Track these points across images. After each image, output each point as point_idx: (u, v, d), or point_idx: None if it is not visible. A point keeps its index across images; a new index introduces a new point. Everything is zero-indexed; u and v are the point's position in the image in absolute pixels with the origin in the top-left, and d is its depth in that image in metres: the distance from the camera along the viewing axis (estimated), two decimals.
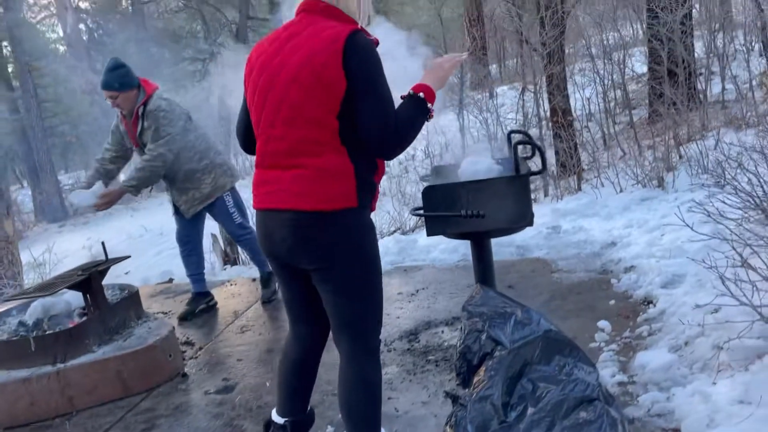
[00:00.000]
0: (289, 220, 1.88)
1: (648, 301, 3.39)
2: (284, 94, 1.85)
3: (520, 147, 2.55)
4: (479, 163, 2.81)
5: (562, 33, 7.66)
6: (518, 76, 13.13)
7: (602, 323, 3.17)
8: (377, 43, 1.89)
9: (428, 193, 2.55)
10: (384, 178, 10.11)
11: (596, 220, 4.91)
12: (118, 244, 10.06)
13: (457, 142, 11.41)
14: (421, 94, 1.85)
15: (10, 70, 17.78)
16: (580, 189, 6.39)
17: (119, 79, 3.81)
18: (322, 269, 1.94)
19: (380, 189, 2.30)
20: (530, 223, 2.58)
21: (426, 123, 1.87)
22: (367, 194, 1.93)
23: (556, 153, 7.33)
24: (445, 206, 2.53)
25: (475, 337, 2.20)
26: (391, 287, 4.38)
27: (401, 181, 9.72)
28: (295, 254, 1.94)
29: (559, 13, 7.31)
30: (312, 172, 1.84)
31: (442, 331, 3.46)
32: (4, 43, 17.59)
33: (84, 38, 19.57)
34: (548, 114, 7.85)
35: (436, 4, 18.45)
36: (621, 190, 5.61)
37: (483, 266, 2.78)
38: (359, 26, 1.91)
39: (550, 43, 7.22)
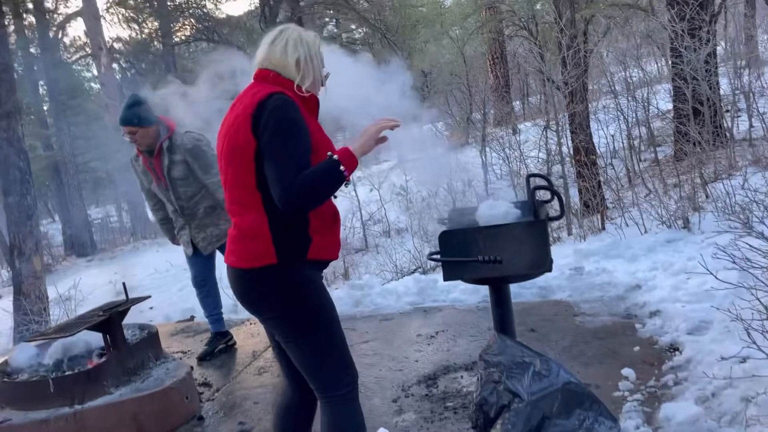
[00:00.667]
0: (230, 275, 2.04)
1: (674, 348, 3.30)
2: (222, 158, 2.01)
3: (538, 190, 2.52)
4: (496, 206, 2.78)
5: (584, 72, 7.68)
6: (541, 113, 13.15)
7: (626, 371, 3.08)
8: (313, 99, 2.05)
9: (445, 238, 2.53)
10: (406, 215, 10.06)
11: (620, 262, 4.81)
12: (144, 279, 10.17)
13: (480, 178, 11.43)
14: (336, 157, 1.85)
15: (45, 108, 18.37)
16: (603, 228, 6.30)
17: (138, 115, 3.85)
18: (266, 321, 2.07)
19: (399, 226, 2.33)
20: (549, 269, 2.54)
21: (343, 187, 1.91)
22: (293, 249, 1.95)
23: (579, 192, 7.26)
24: (462, 251, 2.50)
25: (491, 389, 2.15)
26: (410, 329, 4.33)
27: (423, 218, 9.71)
28: (245, 306, 2.06)
29: (582, 52, 7.33)
30: (237, 231, 2.00)
31: (462, 376, 3.40)
32: (41, 82, 18.22)
33: (117, 77, 20.18)
34: (571, 152, 7.82)
35: (459, 42, 18.66)
36: (646, 231, 5.52)
37: (501, 312, 2.73)
38: (293, 87, 1.99)
39: (572, 82, 7.22)
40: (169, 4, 18.94)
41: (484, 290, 4.74)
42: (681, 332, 3.38)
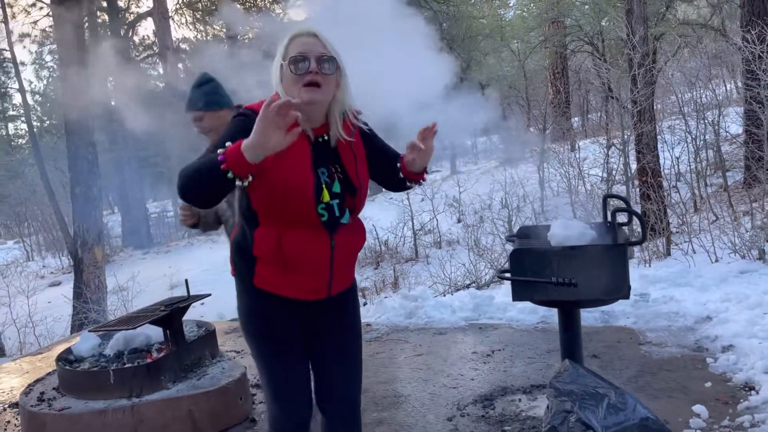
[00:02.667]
0: None
1: (749, 387, 3.11)
2: None
3: (618, 212, 2.41)
4: (570, 226, 2.68)
5: (653, 92, 7.44)
6: (602, 131, 12.85)
7: (698, 408, 2.91)
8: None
9: (517, 256, 2.44)
10: (458, 227, 9.92)
11: (689, 291, 4.60)
12: (198, 275, 10.36)
13: (536, 194, 11.21)
14: (220, 150, 1.62)
15: (112, 103, 19.03)
16: (669, 254, 6.06)
17: (205, 97, 2.99)
18: None
19: (451, 237, 2.21)
20: (626, 296, 2.42)
21: (239, 183, 1.62)
22: (240, 267, 1.92)
23: (644, 214, 7.01)
24: (535, 271, 2.42)
25: (562, 418, 2.05)
26: (465, 345, 4.24)
27: (476, 230, 9.57)
28: None
29: (654, 72, 7.10)
30: None
31: (519, 399, 3.28)
32: (110, 79, 18.89)
33: (181, 76, 20.76)
34: (636, 172, 7.57)
35: (520, 56, 18.44)
36: (716, 260, 5.27)
37: (570, 337, 2.62)
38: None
39: (641, 101, 7.00)
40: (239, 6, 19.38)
41: (543, 310, 4.61)
42: (757, 370, 3.18)
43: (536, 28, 15.88)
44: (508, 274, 2.49)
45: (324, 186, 1.82)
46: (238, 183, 1.61)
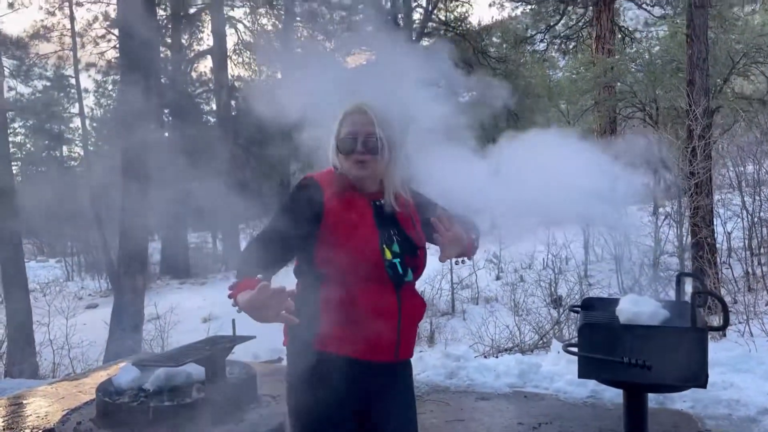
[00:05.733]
0: None
1: None
2: None
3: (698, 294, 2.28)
4: (642, 303, 2.54)
5: (711, 165, 7.27)
6: (650, 199, 12.61)
7: None
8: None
9: (587, 331, 2.32)
10: (497, 284, 9.76)
11: (751, 378, 4.34)
12: (232, 311, 10.34)
13: (580, 257, 10.97)
14: (232, 283, 1.71)
15: (165, 134, 19.61)
16: (724, 335, 5.78)
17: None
18: None
19: (489, 294, 2.11)
20: (703, 385, 2.26)
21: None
22: (299, 328, 1.73)
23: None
24: (605, 349, 2.28)
25: None
26: (509, 414, 4.05)
27: (515, 289, 9.36)
28: None
29: (713, 144, 6.96)
30: None
31: None
32: (165, 111, 19.52)
33: (232, 113, 21.31)
34: (690, 245, 7.33)
35: (569, 117, 18.41)
36: None
37: (636, 423, 2.46)
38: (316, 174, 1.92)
39: (700, 173, 6.83)
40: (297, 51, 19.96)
41: (592, 384, 4.40)
42: None
43: (589, 91, 15.83)
44: (575, 349, 2.37)
45: (385, 246, 1.85)
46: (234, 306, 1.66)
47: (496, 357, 5.46)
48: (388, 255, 1.84)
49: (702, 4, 7.42)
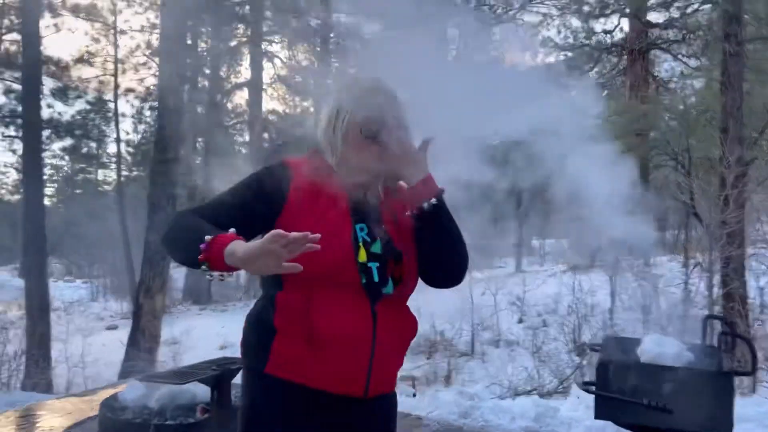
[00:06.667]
0: None
1: None
2: None
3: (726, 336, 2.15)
4: (665, 344, 2.42)
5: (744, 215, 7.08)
6: (679, 249, 12.37)
7: None
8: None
9: (606, 369, 2.20)
10: (519, 327, 9.58)
11: None
12: None
13: (606, 304, 10.71)
14: (207, 238, 1.34)
15: (197, 161, 19.97)
16: (754, 391, 5.52)
17: None
18: None
19: (510, 338, 1.93)
20: None
21: (210, 276, 1.39)
22: (253, 341, 1.55)
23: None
24: (624, 389, 2.16)
25: None
26: None
27: (538, 334, 9.14)
28: None
29: (747, 195, 6.78)
30: None
31: None
32: (199, 139, 19.94)
33: (265, 145, 21.66)
34: (721, 297, 7.08)
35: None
36: None
37: None
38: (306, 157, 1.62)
39: (733, 223, 6.64)
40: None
41: (612, 430, 4.20)
42: None
43: (620, 138, 15.72)
44: (593, 387, 2.25)
45: (361, 243, 1.50)
46: (208, 277, 1.38)
47: (513, 399, 5.28)
48: (363, 256, 1.48)
49: (737, 53, 7.35)
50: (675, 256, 12.38)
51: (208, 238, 1.32)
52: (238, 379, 3.50)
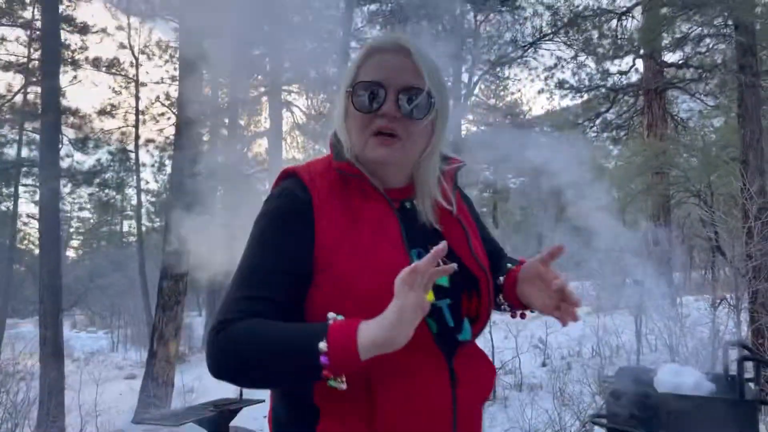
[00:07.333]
0: None
1: None
2: None
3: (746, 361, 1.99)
4: (684, 373, 2.26)
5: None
6: (706, 289, 12.02)
7: None
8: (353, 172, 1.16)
9: (617, 398, 2.05)
10: (542, 370, 9.34)
11: None
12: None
13: (632, 346, 10.37)
14: (322, 347, 0.97)
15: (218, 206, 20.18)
16: None
17: None
18: None
19: (533, 381, 1.70)
20: None
21: (316, 377, 0.99)
22: (286, 420, 1.13)
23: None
24: (638, 420, 2.00)
25: None
26: None
27: (562, 377, 8.84)
28: None
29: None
30: None
31: None
32: (219, 188, 20.18)
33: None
34: (749, 334, 6.79)
35: (619, 203, 18.05)
36: None
37: None
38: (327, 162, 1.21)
39: (758, 256, 6.41)
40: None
41: None
42: None
43: (639, 176, 15.55)
44: (604, 420, 2.09)
45: None
46: (332, 384, 1.00)
47: None
48: (430, 295, 1.01)
49: (753, 84, 7.25)
50: (702, 296, 12.03)
51: (323, 346, 0.96)
52: (236, 421, 3.38)
